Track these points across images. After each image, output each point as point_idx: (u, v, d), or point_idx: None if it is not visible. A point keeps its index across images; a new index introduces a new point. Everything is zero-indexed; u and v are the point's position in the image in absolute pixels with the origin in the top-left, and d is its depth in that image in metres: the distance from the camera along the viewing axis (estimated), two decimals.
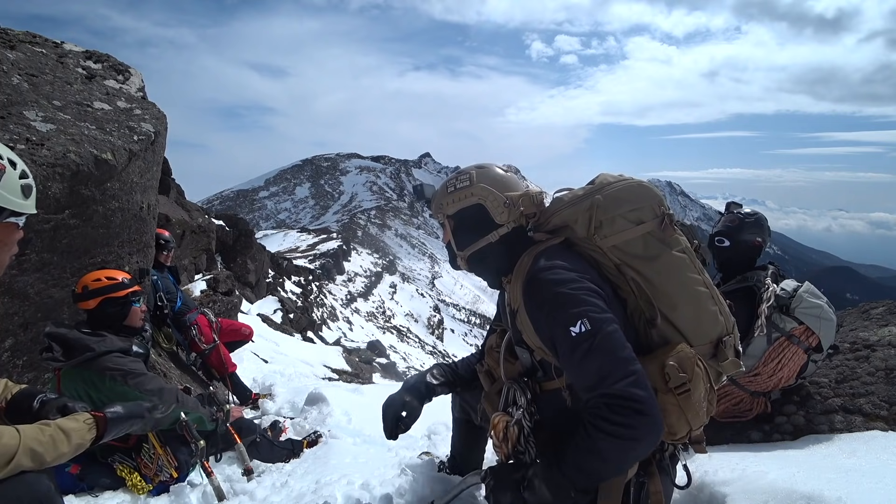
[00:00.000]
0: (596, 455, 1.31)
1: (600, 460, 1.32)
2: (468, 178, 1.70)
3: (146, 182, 3.70)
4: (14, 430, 1.39)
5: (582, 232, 1.58)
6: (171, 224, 7.10)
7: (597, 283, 1.49)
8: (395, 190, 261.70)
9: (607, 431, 1.27)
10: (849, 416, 2.65)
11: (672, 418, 1.43)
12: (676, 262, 1.55)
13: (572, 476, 1.36)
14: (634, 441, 1.28)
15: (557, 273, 1.47)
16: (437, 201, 1.77)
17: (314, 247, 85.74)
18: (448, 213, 1.74)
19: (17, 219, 1.41)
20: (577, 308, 1.39)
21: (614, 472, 1.40)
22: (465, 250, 1.73)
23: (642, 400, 1.27)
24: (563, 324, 1.40)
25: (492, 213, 1.67)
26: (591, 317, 1.37)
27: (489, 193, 1.66)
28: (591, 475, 1.38)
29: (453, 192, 1.71)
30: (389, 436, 1.86)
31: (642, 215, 1.57)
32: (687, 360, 1.44)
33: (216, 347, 4.52)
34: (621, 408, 1.27)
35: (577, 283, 1.44)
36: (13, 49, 3.67)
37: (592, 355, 1.34)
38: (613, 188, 1.59)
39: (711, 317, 1.56)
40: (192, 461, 2.76)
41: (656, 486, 1.52)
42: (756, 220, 2.90)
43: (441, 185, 1.79)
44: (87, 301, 2.65)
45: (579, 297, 1.41)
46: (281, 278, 24.12)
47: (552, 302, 1.44)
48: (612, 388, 1.29)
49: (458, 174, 1.75)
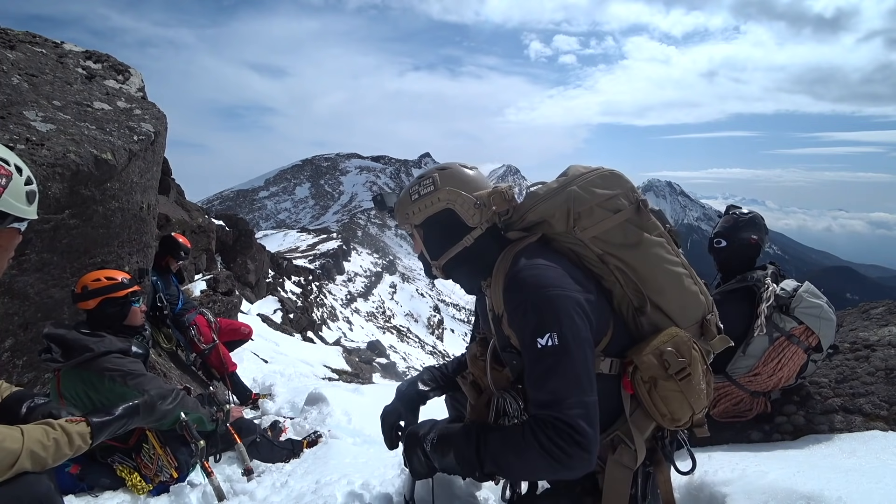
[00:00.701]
0: (519, 458, 1.32)
1: (521, 464, 1.33)
2: (432, 182, 1.59)
3: (146, 182, 3.70)
4: (18, 432, 1.38)
5: (561, 226, 1.54)
6: (171, 224, 7.10)
7: (580, 283, 1.45)
8: (395, 190, 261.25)
9: (544, 447, 1.26)
10: (849, 416, 2.65)
11: (674, 405, 1.42)
12: (657, 246, 1.55)
13: (485, 461, 1.38)
14: (562, 466, 1.27)
15: (538, 273, 1.42)
16: (402, 211, 1.64)
17: (314, 247, 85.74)
18: (416, 223, 1.62)
19: (19, 224, 1.41)
20: (550, 318, 1.34)
21: (525, 477, 1.43)
22: (440, 259, 1.64)
23: (586, 435, 1.26)
24: (531, 331, 1.35)
25: (463, 216, 1.58)
26: (562, 333, 1.32)
27: (457, 196, 1.57)
28: (503, 470, 1.39)
29: (418, 199, 1.60)
30: (390, 446, 1.84)
31: (619, 203, 1.54)
32: (684, 344, 1.44)
33: (215, 347, 4.53)
34: (566, 434, 1.26)
35: (558, 289, 1.38)
36: (13, 49, 3.67)
37: (553, 375, 1.31)
38: (587, 178, 1.56)
39: (694, 297, 1.56)
40: (192, 461, 2.76)
41: (664, 475, 1.52)
42: (751, 218, 2.91)
43: (403, 192, 1.65)
44: (87, 301, 2.65)
45: (556, 305, 1.35)
46: (281, 278, 24.12)
47: (526, 303, 1.39)
48: (563, 413, 1.27)
49: (419, 179, 1.62)
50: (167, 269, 4.71)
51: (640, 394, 1.44)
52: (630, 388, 1.46)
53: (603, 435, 1.49)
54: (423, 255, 1.70)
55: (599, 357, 1.47)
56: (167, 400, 1.80)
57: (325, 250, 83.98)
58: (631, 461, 1.44)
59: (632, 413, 1.47)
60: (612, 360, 1.48)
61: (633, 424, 1.45)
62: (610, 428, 1.50)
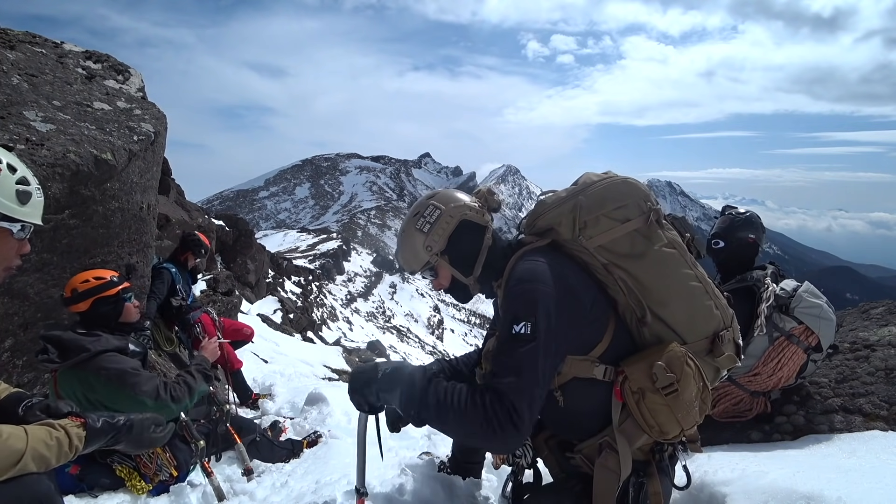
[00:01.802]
0: (459, 415, 1.37)
1: (457, 421, 1.38)
2: (435, 208, 1.66)
3: (146, 182, 3.70)
4: (22, 431, 1.37)
5: (567, 234, 1.56)
6: (171, 224, 7.10)
7: (580, 286, 1.49)
8: (394, 190, 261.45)
9: (486, 414, 1.33)
10: (849, 416, 2.65)
11: (661, 418, 1.43)
12: (665, 258, 1.53)
13: (427, 404, 1.41)
14: (493, 437, 1.33)
15: (530, 268, 1.48)
16: (419, 247, 1.66)
17: (314, 247, 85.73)
18: (440, 249, 1.65)
19: (10, 224, 1.36)
20: (530, 310, 1.40)
21: (452, 433, 1.50)
22: (475, 268, 1.68)
23: (524, 420, 1.33)
24: (511, 315, 1.43)
25: (476, 219, 1.67)
26: (537, 325, 1.38)
27: (462, 206, 1.66)
28: (438, 419, 1.42)
29: (431, 228, 1.64)
30: (391, 428, 1.89)
31: (628, 213, 1.54)
32: (676, 360, 1.44)
33: (221, 346, 4.55)
34: (505, 411, 1.33)
35: (543, 285, 1.43)
36: (13, 49, 3.67)
37: (515, 359, 1.38)
38: (597, 187, 1.57)
39: (706, 312, 1.54)
40: (193, 461, 2.76)
41: (655, 487, 1.52)
42: (747, 218, 2.92)
43: (405, 235, 1.70)
44: (79, 304, 2.60)
45: (538, 301, 1.41)
46: (281, 278, 24.11)
47: (513, 291, 1.47)
48: (514, 395, 1.34)
49: (416, 215, 1.68)
50: (184, 265, 4.75)
51: (629, 404, 1.46)
52: (620, 396, 1.48)
53: (593, 438, 1.55)
54: (452, 284, 1.72)
55: (594, 363, 1.49)
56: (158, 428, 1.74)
57: (324, 250, 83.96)
58: (615, 466, 1.47)
59: (622, 422, 1.48)
60: (606, 368, 1.50)
61: (621, 433, 1.47)
62: (600, 433, 1.53)
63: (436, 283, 1.76)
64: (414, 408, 1.44)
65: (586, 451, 1.57)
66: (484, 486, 2.25)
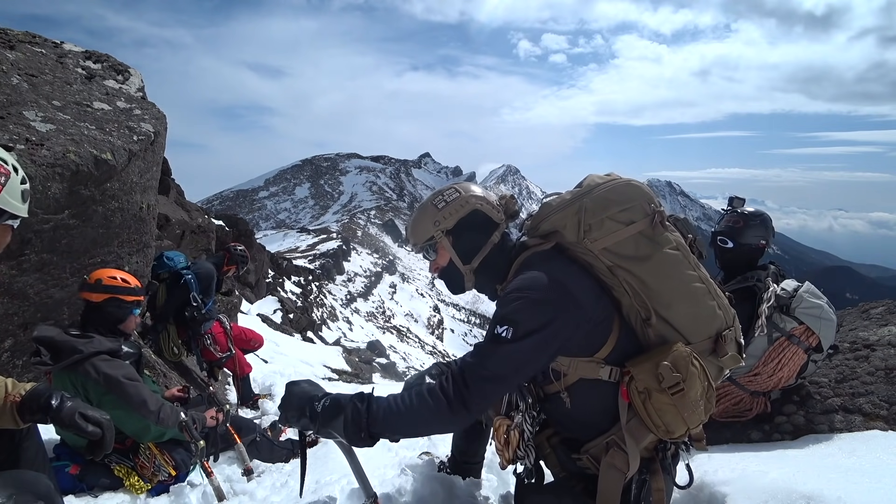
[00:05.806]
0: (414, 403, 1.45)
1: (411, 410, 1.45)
2: (455, 191, 1.72)
3: (146, 182, 3.70)
4: None
5: (571, 237, 1.56)
6: (171, 224, 7.10)
7: (582, 292, 1.49)
8: (394, 190, 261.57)
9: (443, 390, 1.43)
10: (848, 416, 2.65)
11: (667, 417, 1.43)
12: (670, 260, 1.54)
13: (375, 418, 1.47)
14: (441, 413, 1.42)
15: (532, 279, 1.50)
16: (428, 222, 1.71)
17: (314, 247, 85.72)
18: (447, 228, 1.70)
19: (13, 221, 1.47)
20: (517, 315, 1.45)
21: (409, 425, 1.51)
22: (474, 259, 1.71)
23: (475, 402, 1.43)
24: (498, 317, 1.49)
25: (490, 214, 1.71)
26: (519, 331, 1.43)
27: (481, 198, 1.72)
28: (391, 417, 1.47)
29: (445, 206, 1.70)
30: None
31: (632, 215, 1.54)
32: (681, 360, 1.44)
33: (232, 357, 4.56)
34: (461, 388, 1.42)
35: (536, 294, 1.46)
36: (13, 49, 3.67)
37: (492, 353, 1.46)
38: (601, 190, 1.57)
39: (709, 312, 1.55)
40: (192, 461, 2.76)
41: (658, 484, 1.52)
42: (761, 221, 2.83)
43: (421, 209, 1.76)
44: (96, 294, 2.62)
45: (526, 309, 1.45)
46: (281, 278, 24.11)
47: (509, 297, 1.51)
48: (475, 378, 1.43)
49: (439, 194, 1.75)
50: (222, 274, 4.97)
51: (635, 403, 1.47)
52: (627, 396, 1.48)
53: (599, 438, 1.56)
54: (451, 266, 1.75)
55: (600, 364, 1.51)
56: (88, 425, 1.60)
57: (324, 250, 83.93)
58: (623, 465, 1.47)
59: (628, 421, 1.49)
60: (611, 368, 1.51)
61: (628, 432, 1.48)
62: (607, 432, 1.54)
63: (433, 265, 1.80)
64: (362, 428, 1.46)
65: (593, 451, 1.58)
66: (484, 486, 2.25)
